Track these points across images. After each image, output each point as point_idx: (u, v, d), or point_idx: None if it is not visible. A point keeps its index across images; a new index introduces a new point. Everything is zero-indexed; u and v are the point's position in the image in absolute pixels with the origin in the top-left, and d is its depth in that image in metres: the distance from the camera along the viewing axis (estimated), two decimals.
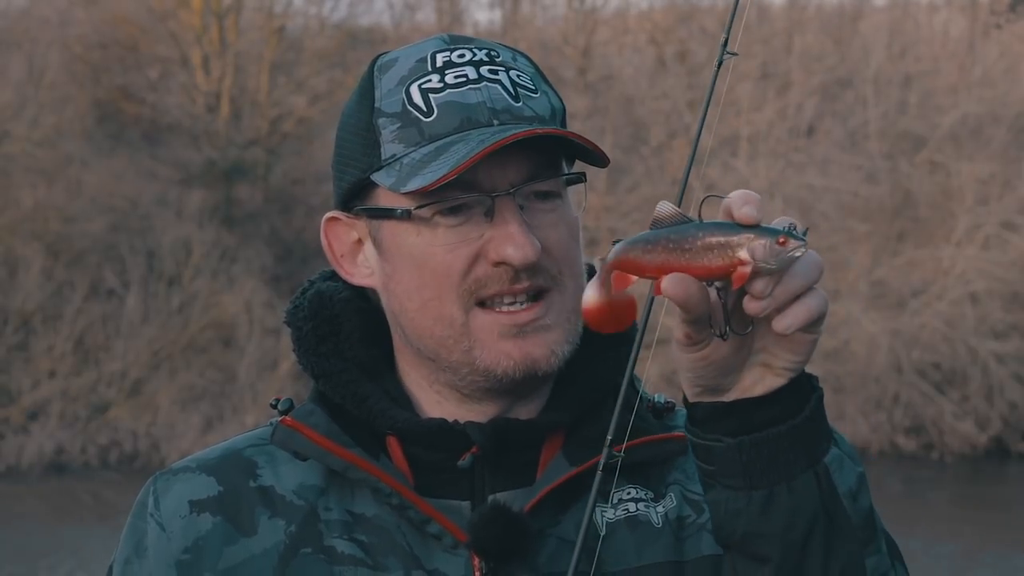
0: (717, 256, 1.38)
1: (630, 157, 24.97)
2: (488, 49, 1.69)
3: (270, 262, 24.27)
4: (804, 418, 1.47)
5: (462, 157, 1.58)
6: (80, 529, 17.52)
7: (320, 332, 1.74)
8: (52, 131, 23.76)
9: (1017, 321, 23.23)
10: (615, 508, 1.68)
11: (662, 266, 1.39)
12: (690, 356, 1.45)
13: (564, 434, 1.70)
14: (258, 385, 22.02)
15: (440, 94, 1.64)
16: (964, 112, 24.46)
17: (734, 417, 1.47)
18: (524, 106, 1.66)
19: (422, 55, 1.68)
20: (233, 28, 26.19)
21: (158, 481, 1.74)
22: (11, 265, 22.63)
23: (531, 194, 1.64)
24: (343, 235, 1.74)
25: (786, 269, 1.39)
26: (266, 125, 25.87)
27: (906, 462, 22.31)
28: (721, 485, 1.49)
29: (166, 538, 1.70)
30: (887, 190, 24.09)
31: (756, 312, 1.40)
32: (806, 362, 1.46)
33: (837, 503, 1.50)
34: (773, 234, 1.38)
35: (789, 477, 1.47)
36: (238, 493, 1.70)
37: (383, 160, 1.66)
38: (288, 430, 1.71)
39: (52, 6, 25.74)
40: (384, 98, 1.68)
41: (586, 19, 26.28)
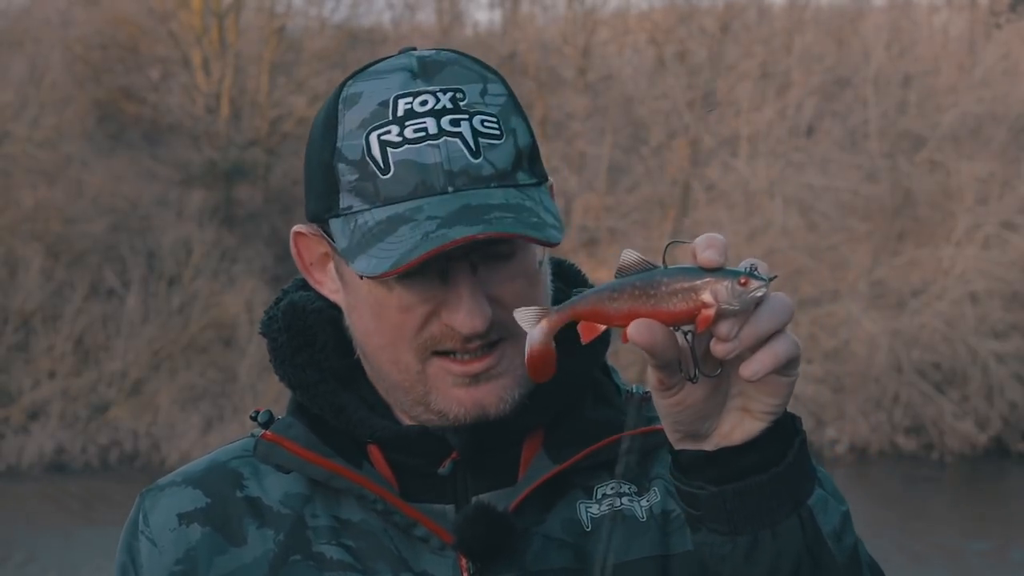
0: (681, 300, 1.39)
1: (630, 157, 24.98)
2: (454, 92, 1.64)
3: (270, 262, 24.28)
4: (787, 465, 1.48)
5: (406, 252, 1.56)
6: (80, 529, 17.53)
7: (295, 343, 1.76)
8: (53, 131, 23.77)
9: (1017, 321, 23.23)
10: (599, 503, 1.69)
11: (628, 313, 1.40)
12: (666, 402, 1.46)
13: (543, 432, 1.70)
14: (258, 385, 22.03)
15: (398, 150, 1.62)
16: (964, 112, 24.47)
17: (717, 466, 1.48)
18: (484, 162, 1.62)
19: (385, 97, 1.64)
20: (233, 28, 26.19)
21: (146, 498, 1.76)
22: (11, 265, 22.64)
23: (490, 256, 1.63)
24: (312, 247, 1.74)
25: (750, 310, 1.40)
26: (266, 125, 25.88)
27: (906, 462, 22.32)
28: (706, 529, 1.49)
29: (158, 552, 1.71)
30: (887, 190, 24.10)
31: (723, 354, 1.40)
32: (784, 405, 1.47)
33: (822, 545, 1.50)
34: (735, 275, 1.39)
35: (773, 523, 1.47)
36: (225, 504, 1.72)
37: (340, 208, 1.65)
38: (269, 444, 1.73)
39: (53, 6, 25.74)
40: (345, 139, 1.65)
41: (586, 19, 26.28)
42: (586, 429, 1.70)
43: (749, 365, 1.41)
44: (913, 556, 16.08)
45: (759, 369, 1.41)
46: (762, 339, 1.41)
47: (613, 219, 24.10)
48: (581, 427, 1.69)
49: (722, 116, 25.03)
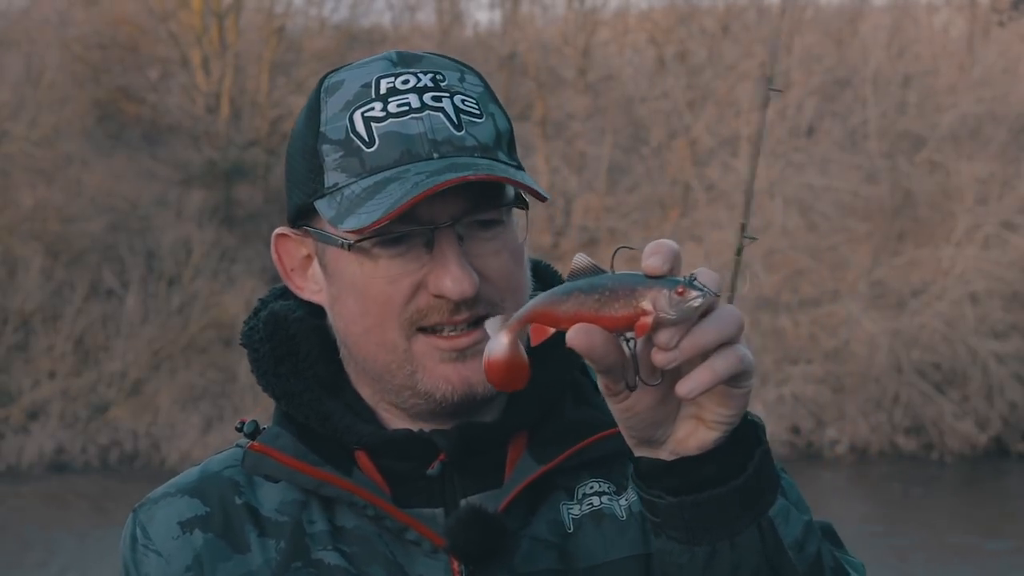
0: (622, 306, 1.38)
1: (630, 157, 24.98)
2: (434, 73, 1.68)
3: (270, 262, 24.14)
4: (746, 477, 1.46)
5: (396, 200, 1.58)
6: (80, 529, 17.52)
7: (278, 353, 1.76)
8: (52, 131, 23.77)
9: (1017, 321, 23.23)
10: (580, 504, 1.70)
11: (574, 317, 1.40)
12: (616, 407, 1.45)
13: (528, 434, 1.71)
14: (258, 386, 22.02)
15: (382, 123, 1.65)
16: (964, 112, 24.47)
17: (675, 476, 1.46)
18: (466, 134, 1.65)
19: (367, 79, 1.68)
20: (233, 28, 26.19)
21: (139, 514, 1.75)
22: (11, 265, 22.64)
23: (473, 223, 1.65)
24: (293, 250, 1.75)
25: (692, 320, 1.38)
26: (266, 125, 25.88)
27: (906, 462, 22.31)
28: (666, 536, 1.48)
29: (164, 562, 1.71)
30: (887, 190, 24.10)
31: (662, 364, 1.38)
32: (738, 416, 1.44)
33: (782, 555, 1.49)
34: (672, 284, 1.38)
35: (732, 534, 1.46)
36: (226, 511, 1.72)
37: (326, 188, 1.66)
38: (257, 455, 1.73)
39: (52, 6, 25.74)
40: (328, 123, 1.67)
41: (586, 19, 26.28)
42: (568, 429, 1.70)
43: (685, 383, 1.38)
44: (913, 556, 16.08)
45: (694, 387, 1.38)
46: (705, 351, 1.38)
47: (613, 219, 24.10)
48: (563, 427, 1.70)
49: (722, 116, 25.03)
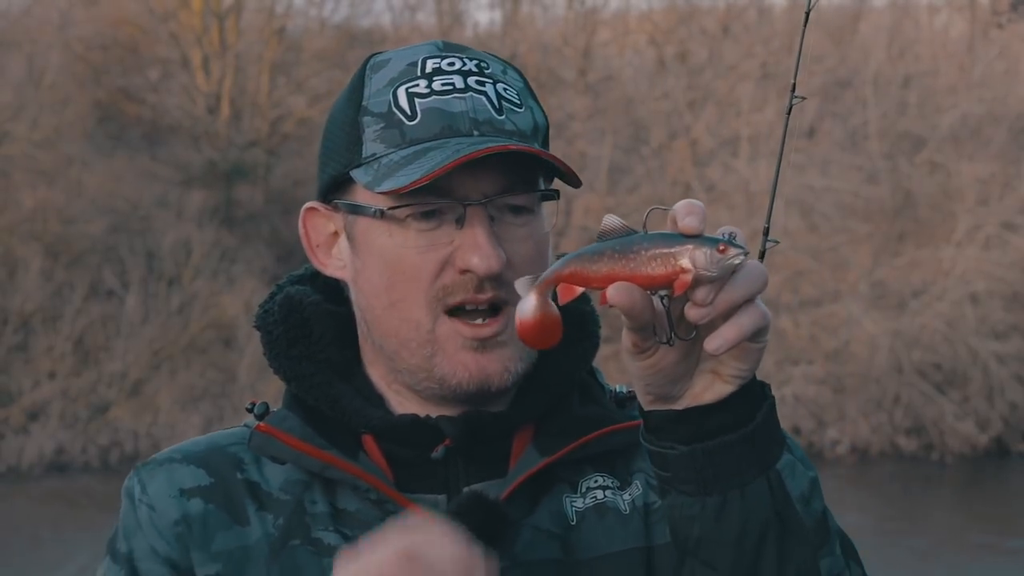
0: (660, 265, 1.42)
1: (630, 158, 24.98)
2: (479, 60, 1.72)
3: (270, 263, 24.28)
4: (756, 425, 1.50)
5: (436, 164, 1.61)
6: (80, 529, 17.52)
7: (291, 336, 1.77)
8: (52, 132, 23.76)
9: (1018, 321, 23.22)
10: (583, 496, 1.72)
11: (608, 276, 1.43)
12: (639, 364, 1.49)
13: (534, 426, 1.73)
14: (258, 385, 22.02)
15: (425, 99, 1.68)
16: (964, 112, 24.46)
17: (686, 424, 1.50)
18: (507, 119, 1.69)
19: (413, 59, 1.71)
20: (233, 29, 26.19)
21: (142, 471, 1.77)
22: (11, 266, 22.63)
23: (504, 207, 1.68)
24: (320, 226, 1.78)
25: (727, 277, 1.42)
26: (266, 126, 25.88)
27: (906, 463, 22.31)
28: (676, 491, 1.52)
29: (158, 515, 1.73)
30: (887, 190, 24.09)
31: (698, 319, 1.43)
32: (754, 369, 1.49)
33: (790, 508, 1.53)
34: (713, 243, 1.42)
35: (742, 484, 1.50)
36: (227, 484, 1.73)
37: (363, 158, 1.69)
38: (264, 436, 1.74)
39: (53, 7, 25.73)
40: (372, 97, 1.71)
41: (586, 20, 26.28)
42: (574, 424, 1.74)
43: (713, 340, 1.44)
44: (913, 556, 16.07)
45: (722, 344, 1.43)
46: (735, 306, 1.43)
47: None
48: (569, 422, 1.73)
49: (722, 116, 25.02)
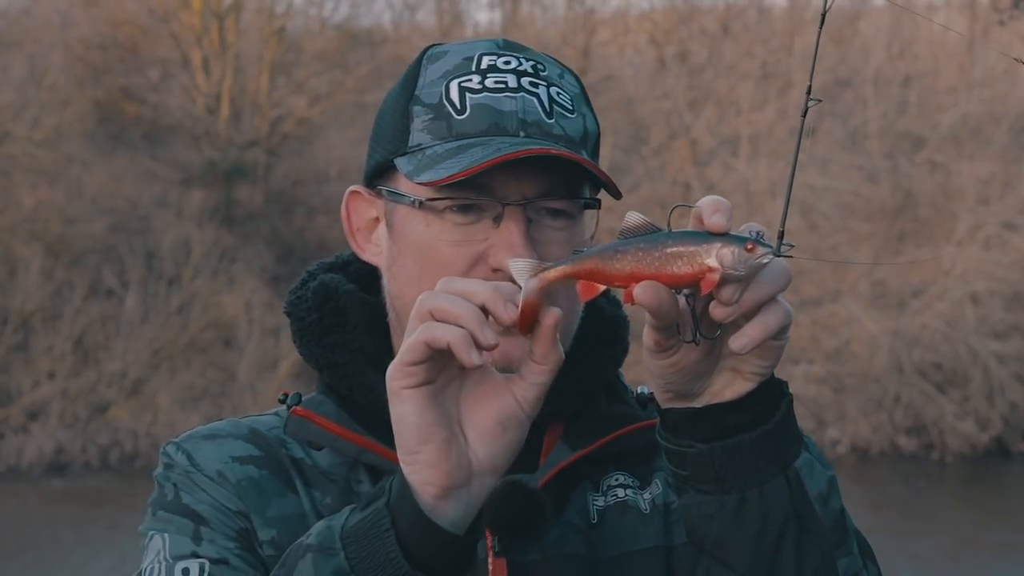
0: (686, 264, 1.41)
1: (630, 157, 24.97)
2: (536, 62, 1.72)
3: (270, 262, 24.27)
4: (775, 423, 1.50)
5: (475, 160, 1.61)
6: (80, 530, 17.52)
7: (325, 324, 1.77)
8: (53, 132, 23.76)
9: (1018, 321, 23.22)
10: (605, 495, 1.73)
11: (631, 274, 1.42)
12: (661, 362, 1.48)
13: (563, 424, 1.74)
14: (258, 385, 22.02)
15: (476, 95, 1.68)
16: (964, 112, 24.46)
17: (705, 422, 1.49)
18: (556, 123, 1.68)
19: (470, 54, 1.72)
20: (233, 29, 26.18)
21: (184, 443, 1.75)
22: (11, 265, 22.63)
23: (544, 210, 1.68)
24: (363, 210, 1.78)
25: (753, 276, 1.41)
26: (266, 126, 25.87)
27: (907, 462, 22.31)
28: (694, 490, 1.51)
29: (217, 477, 1.71)
30: (888, 190, 24.09)
31: (723, 318, 1.42)
32: (774, 367, 1.49)
33: (808, 507, 1.52)
34: (741, 241, 1.40)
35: (760, 482, 1.49)
36: (277, 457, 1.73)
37: (409, 147, 1.69)
38: (300, 420, 1.75)
39: (53, 7, 25.73)
40: (424, 87, 1.71)
41: (586, 19, 26.28)
42: (602, 422, 1.75)
43: (739, 338, 1.43)
44: (914, 556, 16.06)
45: (747, 343, 1.42)
46: (760, 304, 1.42)
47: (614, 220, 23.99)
48: (598, 420, 1.74)
49: (723, 116, 25.02)
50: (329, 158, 25.62)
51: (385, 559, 1.43)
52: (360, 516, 1.46)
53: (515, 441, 1.47)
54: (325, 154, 25.72)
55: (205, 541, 1.66)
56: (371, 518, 1.44)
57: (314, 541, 1.47)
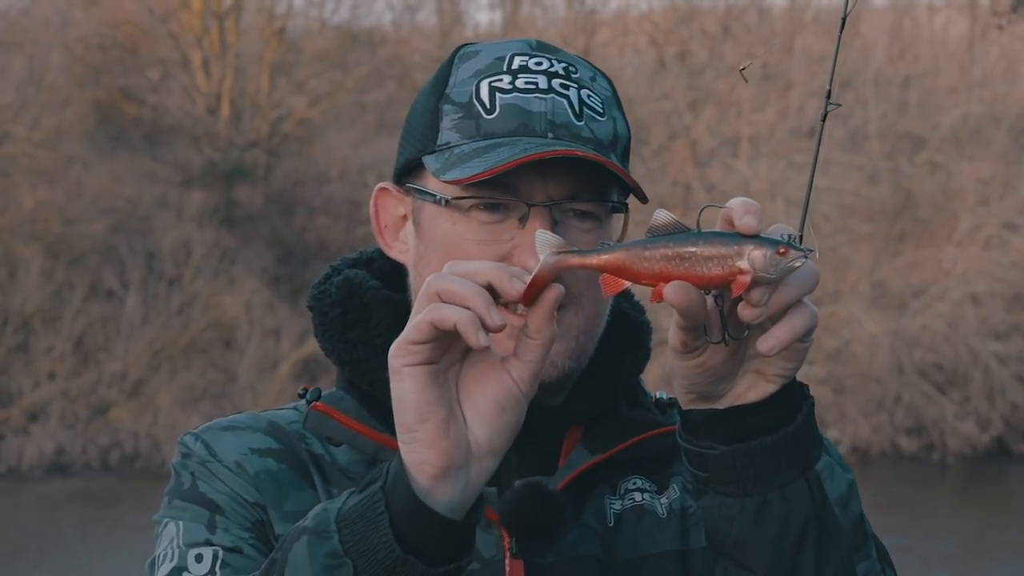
0: (717, 265, 1.40)
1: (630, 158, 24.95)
2: (568, 63, 1.73)
3: (270, 263, 24.27)
4: (797, 426, 1.49)
5: (501, 160, 1.61)
6: (81, 530, 17.51)
7: (348, 319, 1.77)
8: (53, 132, 23.75)
9: (1018, 322, 23.21)
10: (622, 499, 1.73)
11: (659, 273, 1.41)
12: (686, 363, 1.48)
13: (583, 427, 1.74)
14: (258, 386, 22.01)
15: (506, 95, 1.68)
16: (964, 113, 24.46)
17: (727, 424, 1.49)
18: (585, 126, 1.69)
19: (502, 54, 1.72)
20: (233, 30, 26.18)
21: (203, 435, 1.75)
22: (11, 266, 22.62)
23: (570, 211, 1.68)
24: (391, 207, 1.79)
25: (783, 278, 1.41)
26: (266, 126, 25.86)
27: (907, 463, 22.30)
28: (714, 492, 1.51)
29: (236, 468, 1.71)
30: (888, 191, 24.08)
31: (751, 319, 1.42)
32: (798, 369, 1.49)
33: (828, 510, 1.52)
34: (773, 244, 1.40)
35: (782, 484, 1.49)
36: (296, 452, 1.73)
37: (437, 145, 1.69)
38: (320, 416, 1.75)
39: (53, 7, 25.73)
40: (455, 86, 1.71)
41: (586, 20, 26.27)
42: (623, 427, 1.75)
43: (766, 340, 1.43)
44: (914, 557, 16.06)
45: (775, 345, 1.43)
46: (788, 306, 1.42)
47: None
48: (618, 425, 1.75)
49: (723, 117, 25.01)
50: (329, 159, 25.61)
51: (378, 542, 1.42)
52: (356, 499, 1.45)
53: (513, 422, 1.46)
54: (325, 155, 25.72)
55: (220, 530, 1.66)
56: (366, 501, 1.44)
57: (310, 524, 1.46)
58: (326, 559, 1.43)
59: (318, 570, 1.43)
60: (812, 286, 1.43)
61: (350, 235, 24.67)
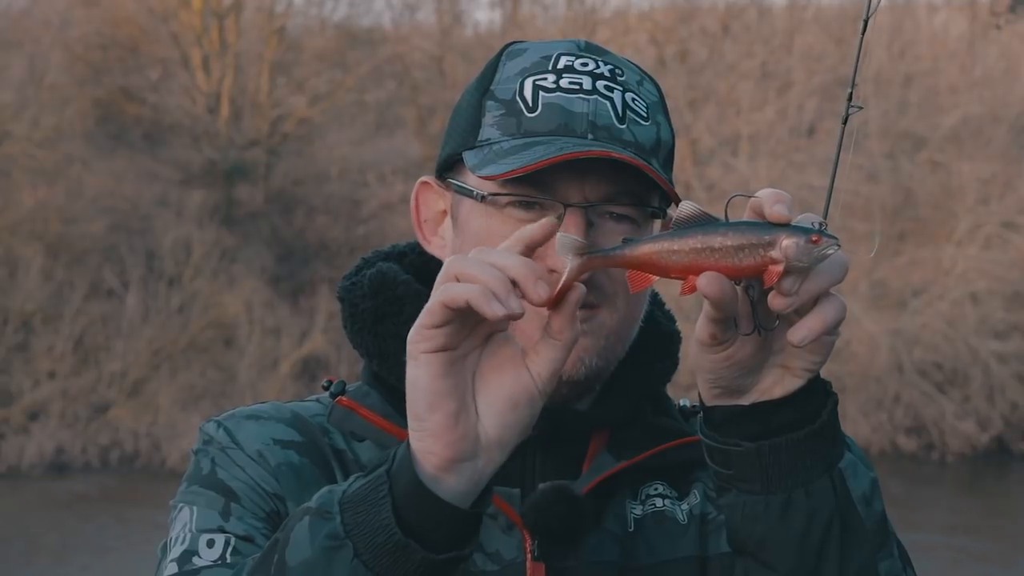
0: (748, 255, 1.38)
1: None
2: (614, 66, 1.71)
3: (270, 262, 24.26)
4: (822, 423, 1.49)
5: (538, 157, 1.61)
6: (81, 530, 17.51)
7: (380, 312, 1.76)
8: (53, 131, 23.75)
9: (1018, 321, 23.21)
10: (643, 504, 1.73)
11: (689, 266, 1.38)
12: (714, 357, 1.47)
13: (608, 433, 1.74)
14: (258, 385, 22.01)
15: (550, 94, 1.68)
16: (965, 112, 24.45)
17: (753, 420, 1.48)
18: (627, 129, 1.67)
19: (549, 53, 1.71)
20: (233, 28, 26.18)
21: (226, 422, 1.75)
22: (11, 265, 22.62)
23: (607, 214, 1.66)
24: (432, 202, 1.78)
25: (815, 267, 1.39)
26: (266, 125, 25.86)
27: (907, 462, 22.30)
28: (738, 490, 1.50)
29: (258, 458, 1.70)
30: (888, 190, 24.08)
31: (782, 308, 1.40)
32: (824, 363, 1.48)
33: (852, 508, 1.51)
34: (806, 233, 1.38)
35: (807, 482, 1.48)
36: (318, 445, 1.73)
37: (478, 141, 1.69)
38: (345, 411, 1.74)
39: (53, 7, 25.72)
40: (500, 83, 1.71)
41: (586, 19, 26.26)
42: (648, 433, 1.74)
43: (798, 331, 1.41)
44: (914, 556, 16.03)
45: (807, 335, 1.41)
46: (818, 295, 1.41)
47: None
48: (643, 431, 1.74)
49: (723, 116, 25.00)
50: (329, 157, 25.61)
51: (379, 525, 1.41)
52: (360, 483, 1.44)
53: (526, 418, 1.44)
54: (325, 153, 25.72)
55: (234, 517, 1.66)
56: (370, 484, 1.43)
57: (314, 505, 1.46)
58: (326, 540, 1.42)
59: (318, 550, 1.42)
60: (842, 276, 1.42)
61: (350, 234, 24.67)
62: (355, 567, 1.41)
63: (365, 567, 1.41)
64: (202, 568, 1.62)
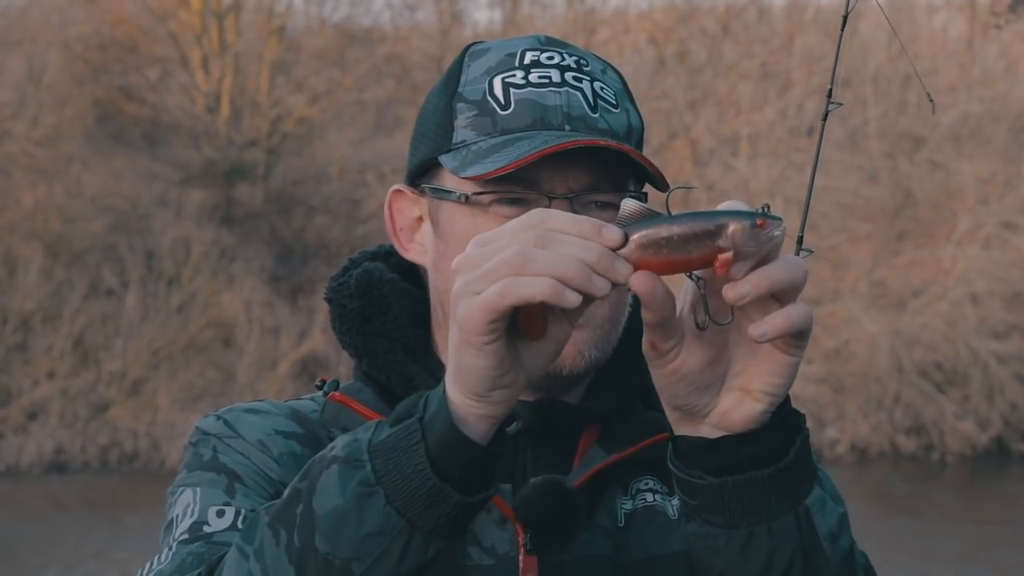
0: (695, 246, 1.35)
1: None
2: (579, 57, 1.72)
3: (270, 262, 24.26)
4: (789, 461, 1.46)
5: (523, 153, 1.61)
6: (80, 529, 17.51)
7: (367, 312, 1.77)
8: (52, 131, 23.75)
9: (1018, 321, 23.21)
10: (633, 499, 1.72)
11: (637, 263, 1.36)
12: (661, 372, 1.44)
13: (600, 427, 1.74)
14: (258, 385, 22.00)
15: (520, 90, 1.68)
16: (964, 112, 24.45)
17: (717, 454, 1.46)
18: (600, 118, 1.69)
19: (513, 50, 1.71)
20: (233, 28, 26.17)
21: (226, 415, 1.76)
22: (11, 265, 22.62)
23: (591, 203, 1.67)
24: (406, 210, 1.78)
25: (766, 252, 1.36)
26: (266, 125, 25.85)
27: (907, 462, 22.30)
28: (701, 519, 1.48)
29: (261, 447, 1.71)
30: (887, 190, 24.09)
31: (734, 299, 1.36)
32: (787, 387, 1.45)
33: (817, 545, 1.49)
34: (750, 216, 1.35)
35: (770, 519, 1.46)
36: (319, 439, 1.73)
37: (453, 144, 1.69)
38: (337, 406, 1.75)
39: (52, 6, 25.72)
40: (467, 84, 1.71)
41: (586, 19, 26.27)
42: (639, 428, 1.74)
43: (759, 326, 1.38)
44: (914, 557, 16.05)
45: (768, 331, 1.38)
46: (775, 290, 1.37)
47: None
48: (634, 425, 1.74)
49: (722, 116, 25.01)
50: (329, 157, 25.61)
51: (412, 471, 1.39)
52: (390, 431, 1.42)
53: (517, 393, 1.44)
54: (325, 153, 25.72)
55: (239, 495, 1.66)
56: (403, 431, 1.41)
57: (340, 453, 1.43)
58: (358, 487, 1.41)
59: (350, 497, 1.41)
60: (801, 275, 1.38)
61: (349, 234, 24.67)
62: (387, 513, 1.40)
63: (398, 513, 1.40)
64: (214, 532, 1.62)
